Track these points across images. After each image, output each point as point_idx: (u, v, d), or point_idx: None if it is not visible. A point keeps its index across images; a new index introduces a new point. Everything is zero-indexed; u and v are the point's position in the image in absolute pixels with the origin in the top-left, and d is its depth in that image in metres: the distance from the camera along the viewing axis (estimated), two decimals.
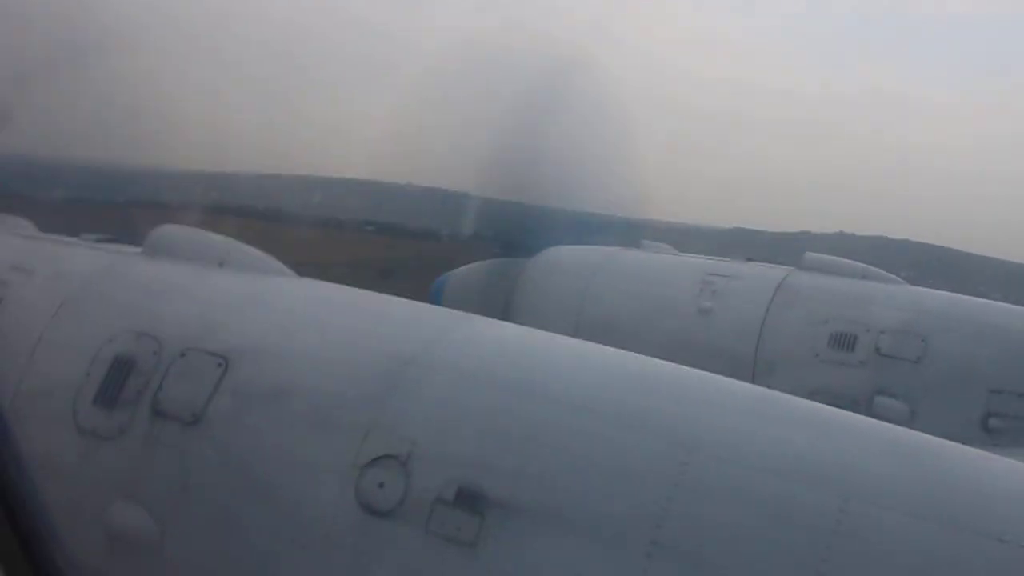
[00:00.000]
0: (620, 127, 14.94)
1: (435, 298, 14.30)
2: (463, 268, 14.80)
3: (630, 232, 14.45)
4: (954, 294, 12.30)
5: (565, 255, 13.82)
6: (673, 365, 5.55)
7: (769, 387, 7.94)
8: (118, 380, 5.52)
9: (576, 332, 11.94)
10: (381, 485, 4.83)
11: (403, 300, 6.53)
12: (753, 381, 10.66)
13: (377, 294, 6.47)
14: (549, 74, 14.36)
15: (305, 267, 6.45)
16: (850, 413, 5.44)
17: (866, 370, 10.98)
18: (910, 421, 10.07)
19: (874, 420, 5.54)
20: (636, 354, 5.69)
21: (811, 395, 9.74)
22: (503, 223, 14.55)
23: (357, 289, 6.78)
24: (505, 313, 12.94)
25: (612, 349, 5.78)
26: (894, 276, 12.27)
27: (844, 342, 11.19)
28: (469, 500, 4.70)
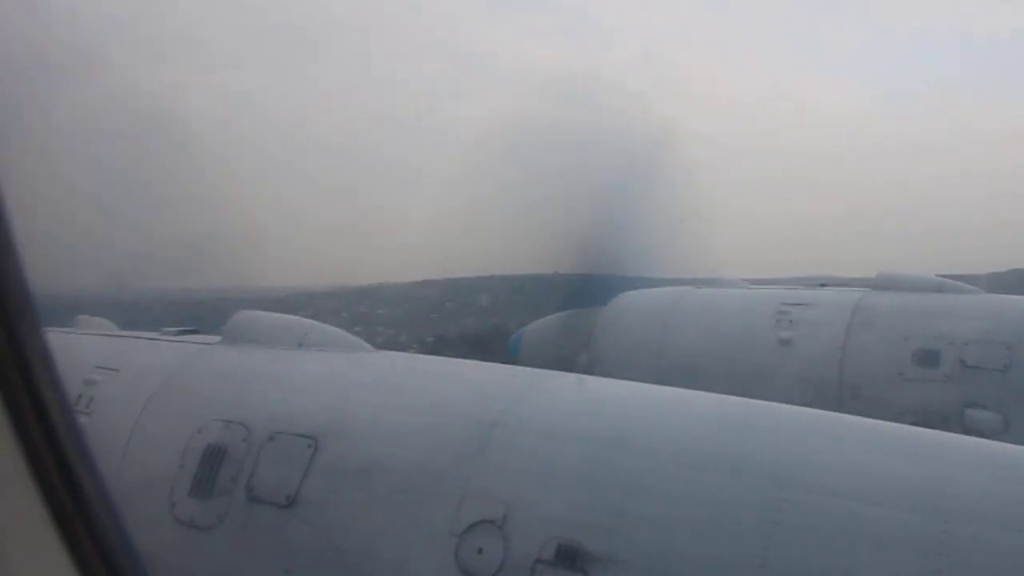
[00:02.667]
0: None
1: (512, 353, 14.36)
2: (538, 322, 14.82)
3: None
4: None
5: (637, 299, 13.81)
6: (757, 402, 5.56)
7: (857, 411, 7.89)
8: (211, 469, 5.65)
9: (657, 374, 11.95)
10: (480, 551, 4.87)
11: (481, 363, 6.61)
12: (839, 406, 10.59)
13: (455, 360, 6.57)
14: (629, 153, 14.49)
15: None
16: (939, 432, 5.42)
17: (953, 384, 10.81)
18: (1003, 431, 9.90)
19: (966, 437, 5.50)
20: (718, 395, 5.71)
21: (900, 415, 9.73)
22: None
23: (435, 357, 6.90)
24: (583, 362, 12.98)
25: (694, 392, 5.80)
26: (969, 286, 12.10)
27: (928, 358, 11.03)
28: (570, 557, 4.72)
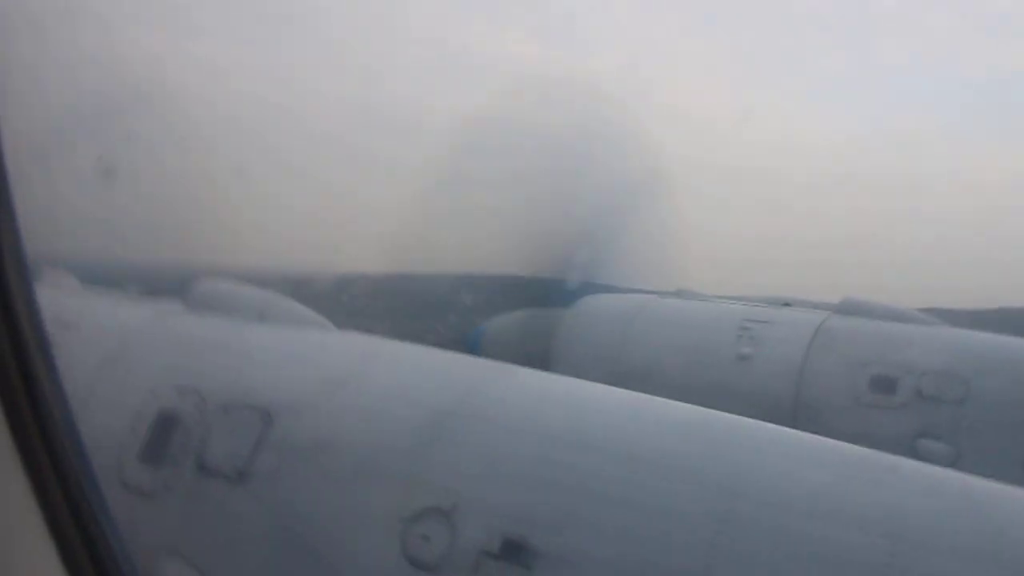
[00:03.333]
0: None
1: (473, 347, 14.31)
2: (501, 317, 14.80)
3: None
4: (995, 335, 12.16)
5: (602, 303, 13.80)
6: (714, 412, 5.54)
7: (811, 432, 7.88)
8: (162, 435, 5.58)
9: (614, 380, 11.90)
10: (426, 538, 4.84)
11: (442, 352, 6.55)
12: (794, 426, 10.57)
13: (417, 346, 6.50)
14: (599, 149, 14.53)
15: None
16: (893, 456, 5.41)
17: (908, 413, 10.87)
18: (954, 463, 9.95)
19: (918, 462, 5.50)
20: (676, 402, 5.69)
21: (853, 439, 9.63)
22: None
23: (397, 341, 6.81)
24: (543, 361, 12.94)
25: (652, 397, 5.78)
26: (932, 318, 12.17)
27: (885, 385, 11.08)
28: (515, 552, 4.69)
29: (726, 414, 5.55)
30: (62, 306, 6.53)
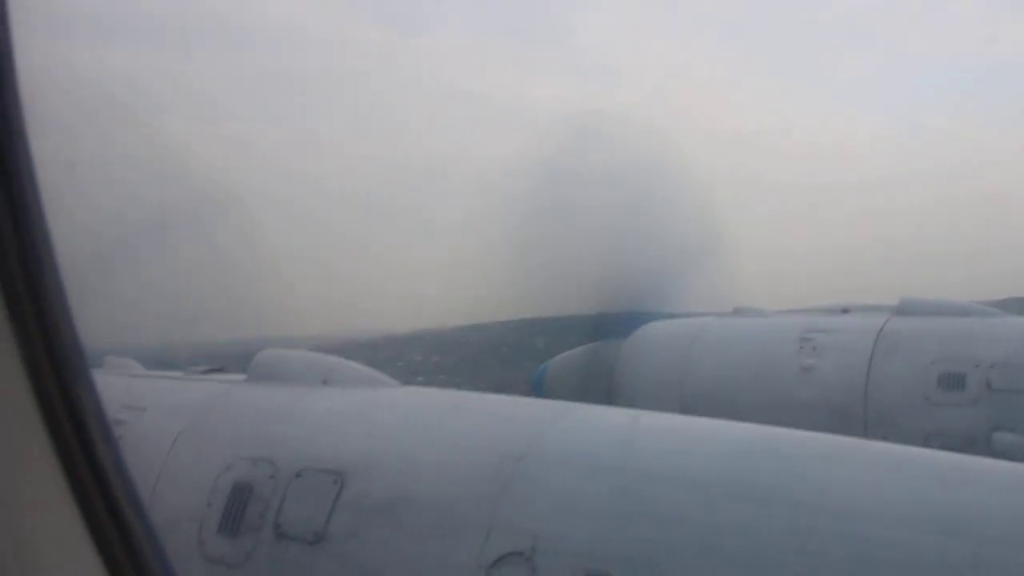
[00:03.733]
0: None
1: (537, 388, 14.37)
2: (562, 355, 14.83)
3: None
4: None
5: (660, 330, 13.79)
6: (785, 430, 5.54)
7: (882, 437, 7.87)
8: (239, 507, 5.65)
9: (679, 405, 11.92)
10: None
11: (506, 397, 6.62)
12: (865, 433, 10.53)
13: (480, 394, 6.58)
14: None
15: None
16: (968, 456, 5.40)
17: (980, 407, 10.74)
18: None
19: (993, 460, 5.48)
20: (743, 423, 5.70)
21: (926, 439, 9.67)
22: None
23: (460, 391, 6.91)
24: (608, 393, 12.97)
25: (720, 421, 5.79)
26: (994, 309, 12.04)
27: (953, 382, 10.96)
28: None
29: (795, 431, 5.57)
30: (129, 390, 6.70)
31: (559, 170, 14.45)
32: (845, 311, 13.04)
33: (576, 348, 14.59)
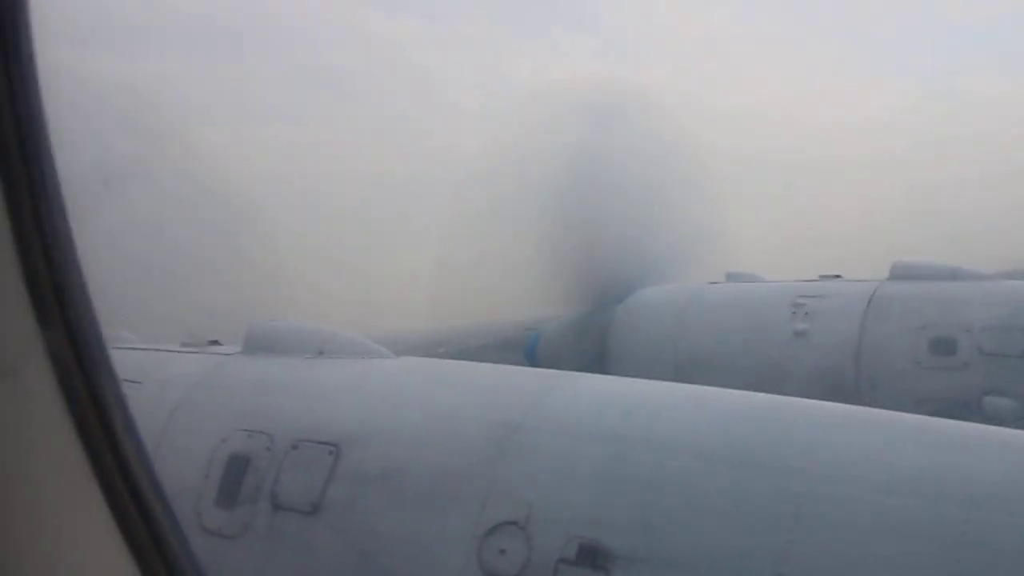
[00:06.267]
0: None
1: (529, 356, 14.40)
2: (554, 322, 14.85)
3: None
4: None
5: (653, 297, 13.82)
6: (775, 397, 5.57)
7: (874, 401, 7.92)
8: (236, 478, 5.69)
9: (673, 370, 11.97)
10: (503, 552, 4.90)
11: (500, 366, 6.63)
12: (857, 397, 10.58)
13: (474, 364, 6.58)
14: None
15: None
16: (959, 422, 5.42)
17: (971, 371, 10.79)
18: (1022, 416, 9.89)
19: (984, 426, 5.50)
20: (736, 391, 5.73)
21: (918, 404, 9.72)
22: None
23: (454, 361, 6.91)
24: (601, 361, 13.00)
25: (713, 388, 5.82)
26: (985, 272, 12.06)
27: (945, 346, 11.00)
28: (592, 556, 4.74)
29: (787, 397, 5.59)
30: (124, 363, 6.68)
31: (576, 154, 14.50)
32: (837, 277, 13.08)
33: (568, 314, 14.60)
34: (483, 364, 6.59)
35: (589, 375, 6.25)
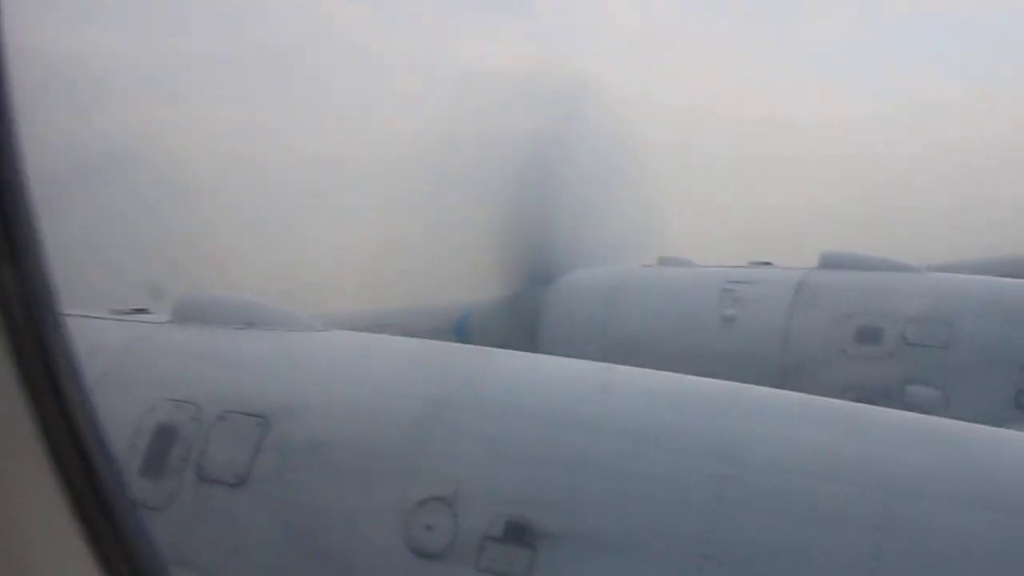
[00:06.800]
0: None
1: (460, 334, 14.33)
2: (486, 301, 14.81)
3: None
4: (975, 276, 12.25)
5: (584, 278, 13.82)
6: (704, 379, 5.61)
7: (800, 387, 7.97)
8: (162, 449, 5.60)
9: (602, 352, 11.98)
10: (429, 528, 4.89)
11: (431, 342, 6.59)
12: (783, 383, 10.68)
13: (404, 338, 6.53)
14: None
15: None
16: (882, 408, 5.49)
17: (895, 361, 10.95)
18: (943, 406, 10.05)
19: (907, 412, 5.59)
20: (664, 372, 5.76)
21: (842, 391, 9.83)
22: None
23: (385, 336, 6.85)
24: (531, 341, 12.98)
25: (642, 370, 5.84)
26: (914, 264, 12.24)
27: (870, 335, 11.15)
28: (518, 534, 4.74)
29: (714, 380, 5.62)
30: None
31: (513, 138, 14.48)
32: (767, 264, 13.18)
33: (500, 293, 14.56)
34: (412, 339, 6.55)
35: (520, 353, 6.26)
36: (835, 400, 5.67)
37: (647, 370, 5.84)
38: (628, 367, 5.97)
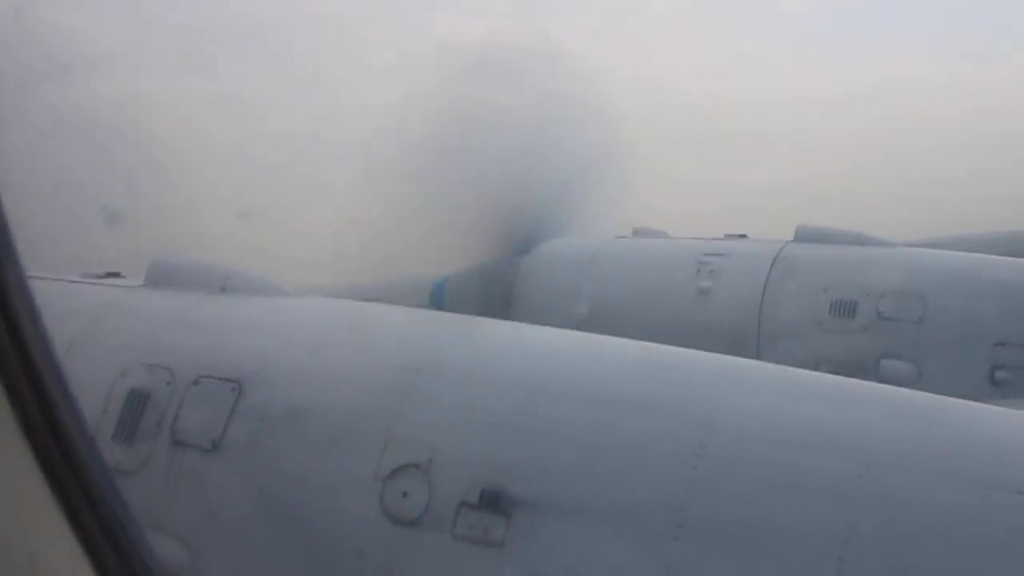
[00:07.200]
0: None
1: (436, 301, 14.32)
2: (462, 269, 14.80)
3: None
4: (950, 252, 12.32)
5: (560, 249, 13.83)
6: (681, 349, 5.61)
7: (774, 361, 8.01)
8: (135, 413, 5.54)
9: (577, 324, 11.98)
10: (405, 495, 4.87)
11: (407, 309, 6.56)
12: (758, 356, 10.75)
13: (379, 304, 6.49)
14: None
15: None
16: (858, 380, 5.51)
17: (869, 335, 11.02)
18: (917, 381, 10.11)
19: (882, 385, 5.61)
20: (640, 342, 5.75)
21: (816, 364, 9.90)
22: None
23: (360, 302, 6.80)
24: (506, 310, 12.98)
25: (618, 339, 5.84)
26: (889, 239, 12.29)
27: (845, 309, 11.21)
28: (493, 501, 4.74)
29: (690, 350, 5.62)
30: None
31: (488, 110, 14.43)
32: (743, 236, 13.21)
33: (476, 262, 14.54)
34: (388, 305, 6.51)
35: (494, 321, 6.24)
36: (811, 372, 5.70)
37: (623, 339, 5.83)
38: (604, 336, 5.96)
